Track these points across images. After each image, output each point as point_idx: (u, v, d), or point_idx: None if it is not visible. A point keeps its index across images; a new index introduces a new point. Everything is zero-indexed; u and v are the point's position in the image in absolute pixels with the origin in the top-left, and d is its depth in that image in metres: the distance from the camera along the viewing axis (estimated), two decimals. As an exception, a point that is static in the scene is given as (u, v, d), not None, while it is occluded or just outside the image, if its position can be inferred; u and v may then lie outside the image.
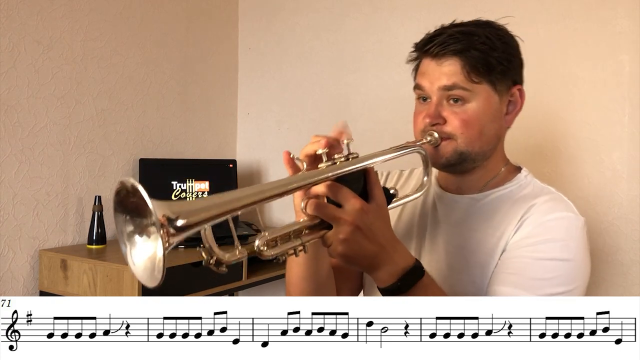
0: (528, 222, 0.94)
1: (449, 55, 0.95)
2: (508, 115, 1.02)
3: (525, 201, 0.98)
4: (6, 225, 1.75)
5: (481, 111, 0.96)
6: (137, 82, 2.14)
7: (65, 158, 1.91)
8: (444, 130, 0.97)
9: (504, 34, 1.00)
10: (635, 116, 1.66)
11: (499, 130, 1.01)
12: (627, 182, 1.67)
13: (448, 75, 0.95)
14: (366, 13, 2.22)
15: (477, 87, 0.95)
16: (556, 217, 0.94)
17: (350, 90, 2.26)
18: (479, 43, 0.95)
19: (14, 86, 1.76)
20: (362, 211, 0.78)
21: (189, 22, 2.35)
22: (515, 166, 1.08)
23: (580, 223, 0.94)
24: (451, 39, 0.95)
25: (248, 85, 2.57)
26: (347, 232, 0.77)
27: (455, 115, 0.96)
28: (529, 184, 1.03)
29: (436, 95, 0.97)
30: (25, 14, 1.78)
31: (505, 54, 0.97)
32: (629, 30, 1.66)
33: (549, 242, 0.91)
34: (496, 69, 0.96)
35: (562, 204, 0.97)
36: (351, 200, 0.78)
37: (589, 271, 0.95)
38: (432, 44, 0.97)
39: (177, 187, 2.16)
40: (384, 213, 0.83)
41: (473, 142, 0.97)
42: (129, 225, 0.65)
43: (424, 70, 1.00)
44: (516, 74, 1.02)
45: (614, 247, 1.68)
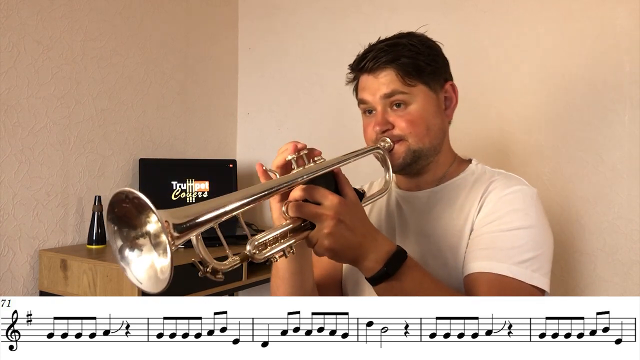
0: (488, 199, 1.03)
1: (382, 67, 1.06)
2: (447, 110, 1.12)
3: (482, 183, 1.07)
4: (6, 225, 1.75)
5: (423, 109, 1.06)
6: (137, 82, 2.14)
7: (65, 158, 1.91)
8: (394, 133, 1.06)
9: (425, 40, 1.11)
10: (635, 116, 1.66)
11: (442, 124, 1.10)
12: (627, 182, 1.67)
13: (386, 84, 1.05)
14: (366, 13, 2.22)
15: (414, 89, 1.05)
16: (512, 191, 1.02)
17: (351, 90, 2.26)
18: (406, 51, 1.05)
19: (14, 86, 1.76)
20: (341, 204, 0.84)
21: (189, 22, 2.35)
22: (464, 159, 1.17)
23: (533, 192, 1.03)
24: (381, 52, 1.06)
25: (248, 85, 2.57)
26: (330, 225, 0.83)
27: (400, 118, 1.05)
28: (481, 169, 1.12)
29: (380, 104, 1.07)
30: (25, 14, 1.78)
31: (431, 56, 1.08)
32: (629, 30, 1.66)
33: (511, 214, 0.99)
34: (426, 70, 1.06)
35: (515, 179, 1.07)
36: (329, 197, 0.84)
37: (551, 235, 1.03)
38: (366, 60, 1.08)
39: (177, 187, 2.16)
40: (359, 207, 0.90)
41: (422, 139, 1.06)
42: (117, 239, 0.67)
43: (363, 86, 1.10)
44: (445, 72, 1.12)
45: (614, 247, 1.68)
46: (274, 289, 1.05)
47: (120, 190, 0.65)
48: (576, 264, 1.73)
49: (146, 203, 0.62)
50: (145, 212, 0.66)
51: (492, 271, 0.94)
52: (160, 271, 0.66)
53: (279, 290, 1.03)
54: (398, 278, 0.87)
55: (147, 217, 0.66)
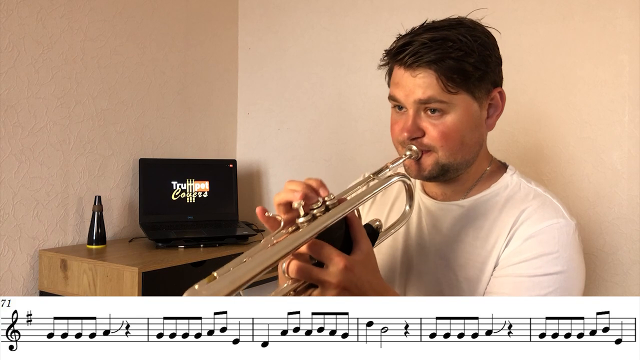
0: (517, 235, 0.92)
1: (422, 67, 0.90)
2: (489, 119, 0.99)
3: (514, 207, 0.95)
4: (6, 225, 1.75)
5: (460, 122, 0.92)
6: (137, 82, 2.14)
7: (65, 158, 1.91)
8: (424, 142, 0.94)
9: (479, 33, 0.94)
10: (635, 116, 1.66)
11: (480, 137, 0.98)
12: (627, 182, 1.67)
13: (423, 88, 0.91)
14: (366, 13, 2.22)
15: (455, 98, 0.91)
16: (546, 228, 0.91)
17: (350, 90, 2.26)
18: (454, 50, 0.90)
19: (14, 86, 1.76)
20: (346, 270, 0.75)
21: (189, 22, 2.35)
22: (500, 163, 1.06)
23: (571, 229, 0.92)
24: (424, 48, 0.90)
25: (248, 85, 2.57)
26: (333, 294, 0.75)
27: (433, 127, 0.93)
28: (515, 184, 1.00)
29: (412, 107, 0.93)
30: (25, 14, 1.78)
31: (481, 56, 0.92)
32: (629, 30, 1.66)
33: (541, 257, 0.90)
34: (473, 76, 0.92)
35: (551, 209, 0.94)
36: (334, 260, 0.75)
37: (584, 276, 0.94)
38: (405, 53, 0.92)
39: (177, 187, 2.16)
40: (370, 261, 0.80)
41: (455, 154, 0.94)
42: None
43: (397, 81, 0.95)
44: (495, 75, 0.97)
45: (614, 247, 1.68)
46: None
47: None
48: (576, 264, 1.73)
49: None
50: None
51: None
52: None
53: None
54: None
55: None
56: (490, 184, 1.01)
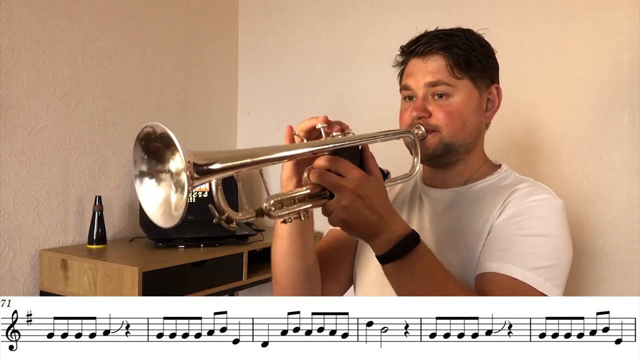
0: (511, 204, 1.01)
1: (433, 52, 1.05)
2: (487, 112, 1.11)
3: (507, 188, 1.05)
4: (6, 225, 1.75)
5: (463, 104, 1.05)
6: (137, 82, 2.15)
7: (65, 158, 1.91)
8: (430, 122, 1.05)
9: (481, 39, 1.10)
10: (635, 116, 1.66)
11: (479, 124, 1.09)
12: (627, 182, 1.67)
13: (433, 72, 1.04)
14: (366, 13, 2.22)
15: (460, 83, 1.04)
16: (537, 199, 1.00)
17: (350, 90, 2.26)
18: (461, 42, 1.05)
19: (14, 86, 1.76)
20: (362, 180, 0.84)
21: (189, 22, 2.35)
22: (494, 163, 1.15)
23: (559, 204, 1.01)
24: (435, 38, 1.06)
25: (248, 85, 2.57)
26: (348, 199, 0.82)
27: (439, 108, 1.04)
28: (509, 175, 1.10)
29: (422, 90, 1.06)
30: (25, 14, 1.78)
31: (483, 54, 1.07)
32: (629, 30, 1.66)
33: (532, 219, 0.98)
34: (476, 66, 1.06)
35: (542, 188, 1.05)
36: (352, 171, 0.84)
37: (571, 249, 1.00)
38: (418, 44, 1.07)
39: (177, 187, 2.16)
40: (381, 185, 0.89)
41: (457, 134, 1.05)
42: (143, 164, 0.70)
43: (410, 71, 1.09)
44: (493, 74, 1.11)
45: (614, 247, 1.68)
46: (272, 248, 1.06)
47: (150, 124, 0.68)
48: (576, 264, 1.72)
49: (172, 141, 0.67)
50: (172, 149, 0.69)
51: (505, 273, 0.92)
52: (175, 208, 0.68)
53: (276, 250, 1.04)
54: (407, 261, 0.86)
55: (172, 154, 0.69)
56: (486, 176, 1.11)
